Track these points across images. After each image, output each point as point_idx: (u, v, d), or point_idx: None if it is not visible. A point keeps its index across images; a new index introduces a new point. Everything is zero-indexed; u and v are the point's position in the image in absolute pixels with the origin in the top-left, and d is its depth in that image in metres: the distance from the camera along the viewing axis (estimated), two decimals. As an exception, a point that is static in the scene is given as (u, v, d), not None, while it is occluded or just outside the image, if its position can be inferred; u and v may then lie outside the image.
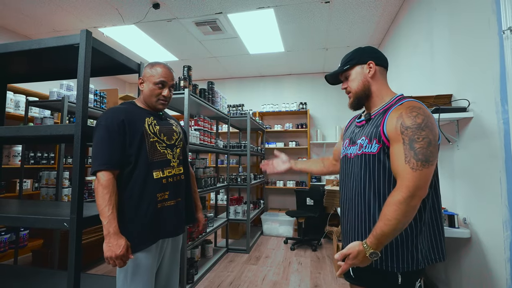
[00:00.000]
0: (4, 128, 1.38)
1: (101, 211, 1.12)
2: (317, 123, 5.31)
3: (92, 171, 1.17)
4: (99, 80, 5.11)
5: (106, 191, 1.13)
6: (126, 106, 1.31)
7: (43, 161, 3.40)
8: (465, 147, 1.80)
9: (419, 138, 0.91)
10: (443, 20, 2.11)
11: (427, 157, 0.90)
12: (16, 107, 3.05)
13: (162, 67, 1.35)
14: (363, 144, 1.06)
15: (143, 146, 1.24)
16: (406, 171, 0.91)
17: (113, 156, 1.18)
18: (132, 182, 1.22)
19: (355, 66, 1.12)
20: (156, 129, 1.31)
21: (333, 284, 2.70)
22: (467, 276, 1.75)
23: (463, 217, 1.79)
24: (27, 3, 3.14)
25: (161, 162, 1.29)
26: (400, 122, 0.95)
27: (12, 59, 1.48)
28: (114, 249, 1.10)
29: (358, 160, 1.07)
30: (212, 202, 5.12)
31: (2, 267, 1.83)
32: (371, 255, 0.93)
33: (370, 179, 1.02)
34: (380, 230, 0.92)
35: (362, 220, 1.05)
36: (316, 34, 3.84)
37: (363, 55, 1.12)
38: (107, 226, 1.11)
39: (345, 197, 1.16)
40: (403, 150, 0.92)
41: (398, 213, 0.89)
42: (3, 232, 2.88)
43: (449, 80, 2.02)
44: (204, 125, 2.88)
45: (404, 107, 0.98)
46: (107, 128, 1.19)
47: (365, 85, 1.11)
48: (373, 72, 1.09)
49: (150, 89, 1.32)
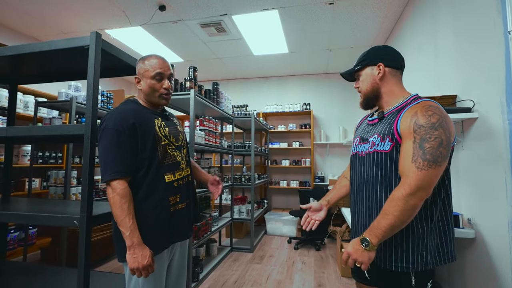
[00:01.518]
0: (16, 128, 1.41)
1: (121, 222, 1.07)
2: (321, 123, 5.31)
3: (105, 180, 1.10)
4: (105, 81, 5.17)
5: (124, 200, 1.08)
6: (133, 107, 1.23)
7: (51, 161, 3.45)
8: (470, 147, 1.79)
9: (431, 137, 0.90)
10: (448, 21, 2.11)
11: (435, 158, 0.88)
12: (25, 107, 3.11)
13: (155, 57, 1.26)
14: (375, 142, 1.04)
15: (156, 150, 1.19)
16: (411, 170, 0.90)
17: (127, 163, 1.12)
18: (144, 187, 1.17)
19: (365, 67, 1.12)
20: (166, 131, 1.26)
21: (337, 283, 2.71)
22: (471, 277, 1.75)
23: (468, 217, 1.79)
24: (36, 5, 3.20)
25: (172, 165, 1.25)
26: (414, 120, 0.94)
27: (23, 60, 1.52)
28: (140, 260, 1.07)
29: (370, 158, 1.06)
30: (217, 202, 5.15)
31: (12, 264, 1.86)
32: (362, 241, 0.95)
33: (382, 177, 1.01)
34: (377, 223, 0.93)
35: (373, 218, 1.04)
36: (320, 35, 3.85)
37: (375, 56, 1.11)
38: (130, 237, 1.07)
39: (356, 196, 1.15)
40: (412, 149, 0.91)
41: (396, 209, 0.89)
42: (12, 230, 2.93)
43: (453, 80, 2.02)
44: (209, 125, 2.91)
45: (420, 106, 0.96)
46: (117, 132, 1.12)
47: (374, 87, 1.11)
48: (382, 74, 1.09)
49: (149, 85, 1.23)
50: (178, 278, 1.36)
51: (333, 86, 5.27)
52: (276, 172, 5.46)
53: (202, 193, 2.65)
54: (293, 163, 5.16)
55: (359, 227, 1.13)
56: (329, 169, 5.18)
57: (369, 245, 0.94)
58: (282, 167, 5.34)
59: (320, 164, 5.25)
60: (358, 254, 0.96)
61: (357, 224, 1.15)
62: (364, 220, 1.10)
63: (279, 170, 5.43)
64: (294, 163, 5.15)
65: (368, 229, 0.97)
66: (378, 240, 0.93)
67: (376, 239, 0.93)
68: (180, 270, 1.38)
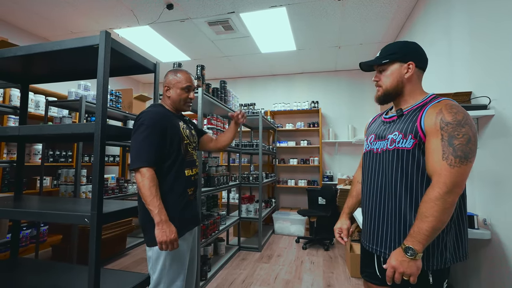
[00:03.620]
0: (28, 127, 1.43)
1: (150, 202, 1.22)
2: (329, 122, 5.25)
3: (135, 166, 1.26)
4: (113, 80, 5.23)
5: (152, 183, 1.24)
6: (162, 110, 1.44)
7: (62, 159, 3.50)
8: (485, 145, 1.74)
9: (459, 134, 0.90)
10: (462, 15, 2.04)
11: (466, 154, 0.89)
12: (36, 107, 3.16)
13: (185, 73, 1.50)
14: (395, 139, 1.03)
15: (180, 147, 1.41)
16: (443, 168, 0.89)
17: (155, 155, 1.29)
18: (170, 176, 1.36)
19: (394, 62, 1.08)
20: (187, 133, 1.49)
21: (346, 284, 2.68)
22: (487, 279, 1.70)
23: (483, 218, 1.74)
24: (45, 6, 3.24)
25: (191, 162, 1.48)
26: (440, 117, 0.94)
27: (34, 60, 1.53)
28: (168, 234, 1.22)
29: (389, 156, 1.05)
30: (224, 201, 5.15)
31: (25, 260, 1.90)
32: (406, 251, 0.91)
33: (402, 175, 1.00)
34: (418, 228, 0.90)
35: (391, 217, 1.03)
36: (329, 32, 3.80)
37: (407, 53, 1.07)
38: (159, 214, 1.22)
39: (369, 194, 1.13)
40: (441, 146, 0.91)
41: (435, 210, 0.88)
42: (24, 227, 2.99)
43: (468, 77, 1.96)
44: (217, 123, 2.91)
45: (443, 104, 0.97)
46: (153, 129, 1.31)
47: (399, 85, 1.08)
48: (411, 74, 1.06)
49: (178, 94, 1.48)
50: (192, 260, 1.53)
51: (342, 83, 5.21)
52: (283, 171, 5.43)
53: (210, 192, 2.65)
54: (301, 162, 5.13)
55: (372, 226, 1.11)
56: (338, 168, 5.13)
57: (415, 254, 0.90)
58: (290, 166, 5.31)
59: (329, 163, 5.20)
60: (405, 266, 0.91)
61: (370, 223, 1.13)
62: (380, 217, 1.08)
63: (286, 169, 5.40)
64: (302, 162, 5.12)
65: (408, 236, 0.93)
66: (422, 246, 0.90)
67: (421, 245, 0.90)
68: (193, 253, 1.56)
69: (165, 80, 1.51)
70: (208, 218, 2.73)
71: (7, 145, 2.97)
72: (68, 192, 3.00)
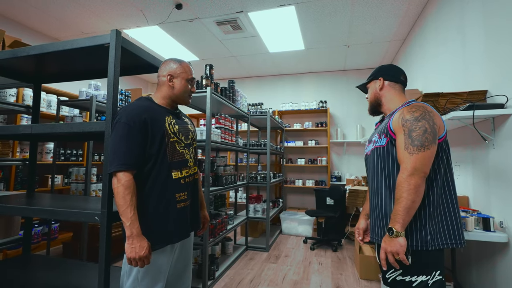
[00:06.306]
0: (40, 125, 1.45)
1: (123, 212, 1.10)
2: (338, 121, 5.20)
3: (111, 170, 1.14)
4: (123, 80, 5.29)
5: (127, 191, 1.11)
6: (146, 104, 1.27)
7: (73, 158, 3.56)
8: (501, 146, 1.69)
9: (416, 127, 1.08)
10: (477, 12, 1.99)
11: (422, 142, 1.05)
12: (48, 106, 3.21)
13: (188, 65, 1.38)
14: (375, 140, 1.25)
15: (163, 146, 1.23)
16: (405, 156, 1.07)
17: (134, 156, 1.16)
18: (150, 182, 1.21)
19: (372, 81, 1.36)
20: (176, 129, 1.29)
21: (356, 286, 2.64)
22: (504, 283, 1.65)
23: (500, 220, 1.69)
24: (57, 7, 3.29)
25: (180, 162, 1.29)
26: (401, 117, 1.14)
27: (46, 59, 1.55)
28: (138, 250, 1.10)
29: (373, 155, 1.25)
30: (232, 200, 5.16)
31: (37, 257, 1.93)
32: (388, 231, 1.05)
33: (381, 169, 1.19)
34: (394, 210, 1.06)
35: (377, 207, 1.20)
36: (338, 31, 3.76)
37: (378, 72, 1.34)
38: (130, 227, 1.10)
39: (369, 191, 1.32)
40: (404, 139, 1.09)
41: (403, 191, 1.03)
42: (36, 225, 3.05)
43: (483, 75, 1.91)
44: (225, 123, 2.90)
45: (407, 107, 1.16)
46: (129, 126, 1.16)
47: (376, 96, 1.33)
48: (381, 86, 1.31)
49: (184, 85, 1.34)
50: (181, 273, 1.38)
51: (351, 83, 5.15)
52: (291, 171, 5.40)
53: (218, 192, 2.64)
54: (308, 162, 5.09)
55: (371, 219, 1.26)
56: (346, 168, 5.07)
57: (395, 232, 1.03)
58: (298, 166, 5.27)
59: (337, 163, 5.15)
60: (389, 245, 1.05)
61: (371, 217, 1.27)
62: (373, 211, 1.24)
63: (294, 169, 5.37)
64: (310, 162, 5.08)
65: (390, 219, 1.08)
66: (400, 225, 1.03)
67: (398, 224, 1.03)
68: (183, 266, 1.39)
69: (165, 68, 1.34)
70: (216, 218, 2.74)
71: (20, 144, 3.03)
72: (78, 190, 3.05)
